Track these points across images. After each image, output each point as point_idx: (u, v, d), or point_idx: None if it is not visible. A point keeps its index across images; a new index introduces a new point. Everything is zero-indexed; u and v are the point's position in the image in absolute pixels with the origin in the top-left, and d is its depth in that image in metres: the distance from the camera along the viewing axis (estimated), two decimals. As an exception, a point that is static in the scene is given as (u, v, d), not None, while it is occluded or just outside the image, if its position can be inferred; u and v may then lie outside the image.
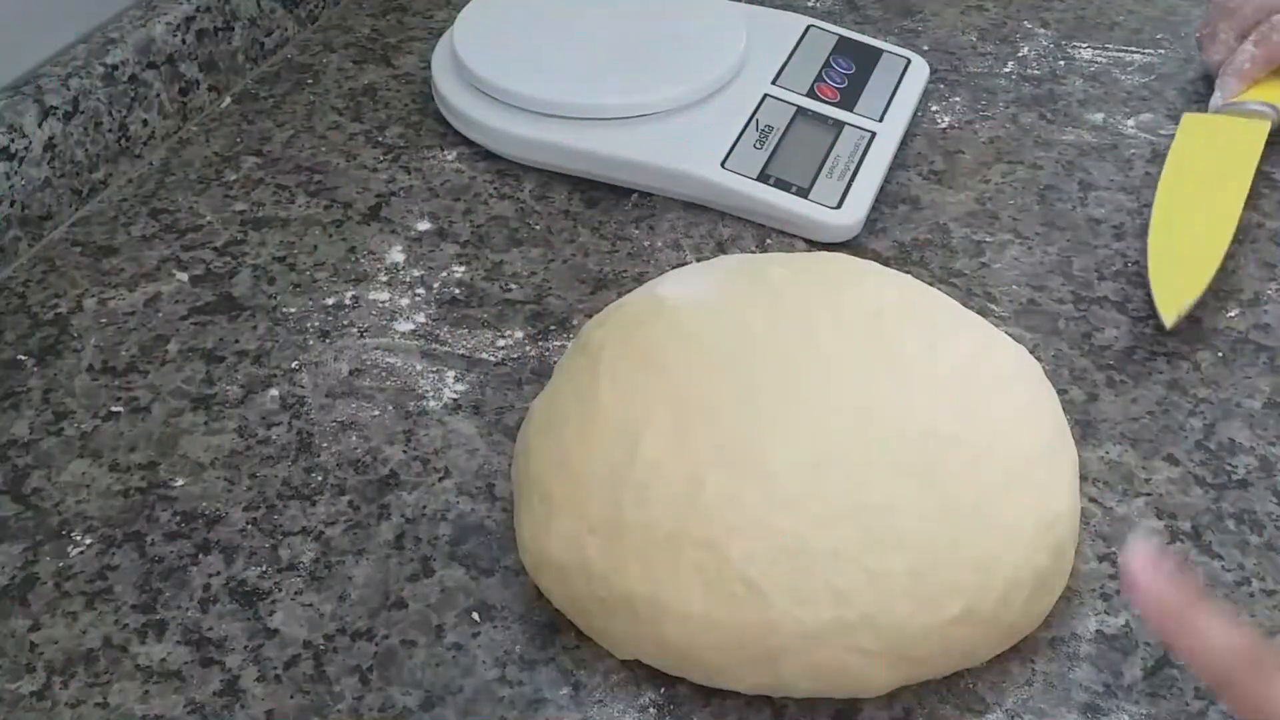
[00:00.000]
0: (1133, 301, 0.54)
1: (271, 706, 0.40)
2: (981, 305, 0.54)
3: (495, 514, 0.46)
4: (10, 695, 0.40)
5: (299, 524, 0.45)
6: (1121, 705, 0.40)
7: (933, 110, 0.65)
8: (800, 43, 0.65)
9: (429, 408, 0.50)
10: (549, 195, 0.60)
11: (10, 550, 0.45)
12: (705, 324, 0.42)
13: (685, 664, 0.39)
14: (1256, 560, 0.44)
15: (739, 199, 0.58)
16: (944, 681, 0.40)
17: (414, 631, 0.42)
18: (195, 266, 0.56)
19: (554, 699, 0.40)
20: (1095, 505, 0.46)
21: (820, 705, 0.40)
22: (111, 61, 0.59)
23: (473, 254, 0.57)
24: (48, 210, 0.57)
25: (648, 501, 0.39)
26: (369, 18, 0.72)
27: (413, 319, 0.53)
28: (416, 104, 0.66)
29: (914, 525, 0.38)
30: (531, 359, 0.52)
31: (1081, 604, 0.43)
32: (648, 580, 0.38)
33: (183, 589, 0.43)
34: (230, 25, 0.65)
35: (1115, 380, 0.51)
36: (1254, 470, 0.47)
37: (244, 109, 0.65)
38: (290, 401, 0.50)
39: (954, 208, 0.59)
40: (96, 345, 0.52)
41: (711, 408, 0.40)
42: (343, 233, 0.58)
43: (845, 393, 0.40)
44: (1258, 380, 0.51)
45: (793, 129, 0.60)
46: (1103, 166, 0.61)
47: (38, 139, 0.56)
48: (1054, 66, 0.68)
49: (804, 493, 0.38)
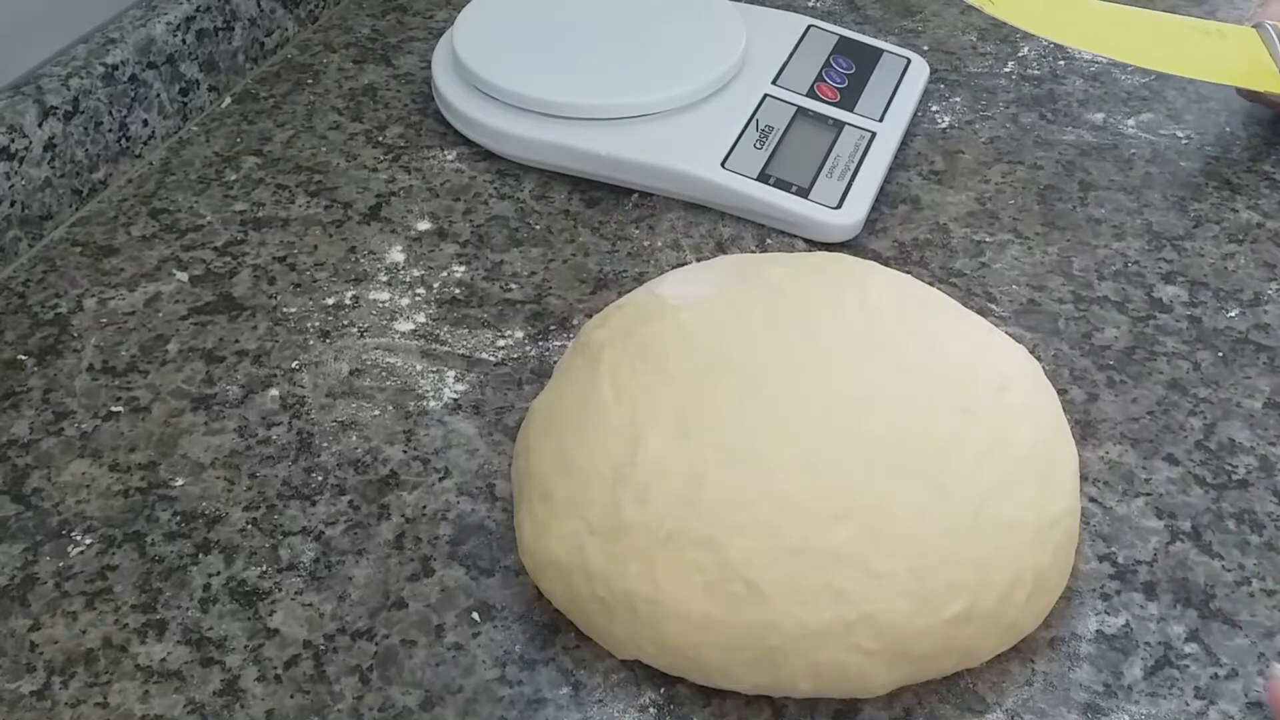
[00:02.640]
0: (1133, 301, 0.54)
1: (271, 706, 0.40)
2: (981, 305, 0.54)
3: (495, 514, 0.46)
4: (10, 695, 0.40)
5: (299, 524, 0.45)
6: (1121, 705, 0.40)
7: (933, 110, 0.65)
8: (800, 43, 0.65)
9: (429, 408, 0.50)
10: (549, 195, 0.60)
11: (10, 550, 0.45)
12: (705, 324, 0.42)
13: (685, 664, 0.39)
14: (1256, 560, 0.44)
15: (739, 199, 0.58)
16: (944, 681, 0.40)
17: (414, 631, 0.42)
18: (195, 266, 0.56)
19: (554, 699, 0.40)
20: (1095, 505, 0.46)
21: (820, 705, 0.40)
22: (111, 61, 0.59)
23: (473, 254, 0.57)
24: (48, 210, 0.57)
25: (648, 501, 0.39)
26: (369, 18, 0.72)
27: (413, 319, 0.53)
28: (416, 104, 0.66)
29: (914, 525, 0.38)
30: (531, 359, 0.52)
31: (1081, 604, 0.43)
32: (648, 580, 0.38)
33: (183, 589, 0.43)
34: (230, 25, 0.65)
35: (1115, 380, 0.51)
36: (1254, 470, 0.47)
37: (244, 109, 0.65)
38: (290, 401, 0.50)
39: (954, 208, 0.59)
40: (96, 345, 0.52)
41: (711, 408, 0.40)
42: (343, 233, 0.58)
43: (845, 392, 0.40)
44: (1258, 380, 0.51)
45: (793, 129, 0.60)
46: (1103, 166, 0.61)
47: (38, 139, 0.56)
48: (1054, 66, 0.68)
49: (804, 493, 0.38)
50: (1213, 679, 0.41)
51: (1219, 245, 0.57)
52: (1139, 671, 0.41)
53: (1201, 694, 0.40)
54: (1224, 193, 0.60)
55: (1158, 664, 0.41)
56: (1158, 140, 0.63)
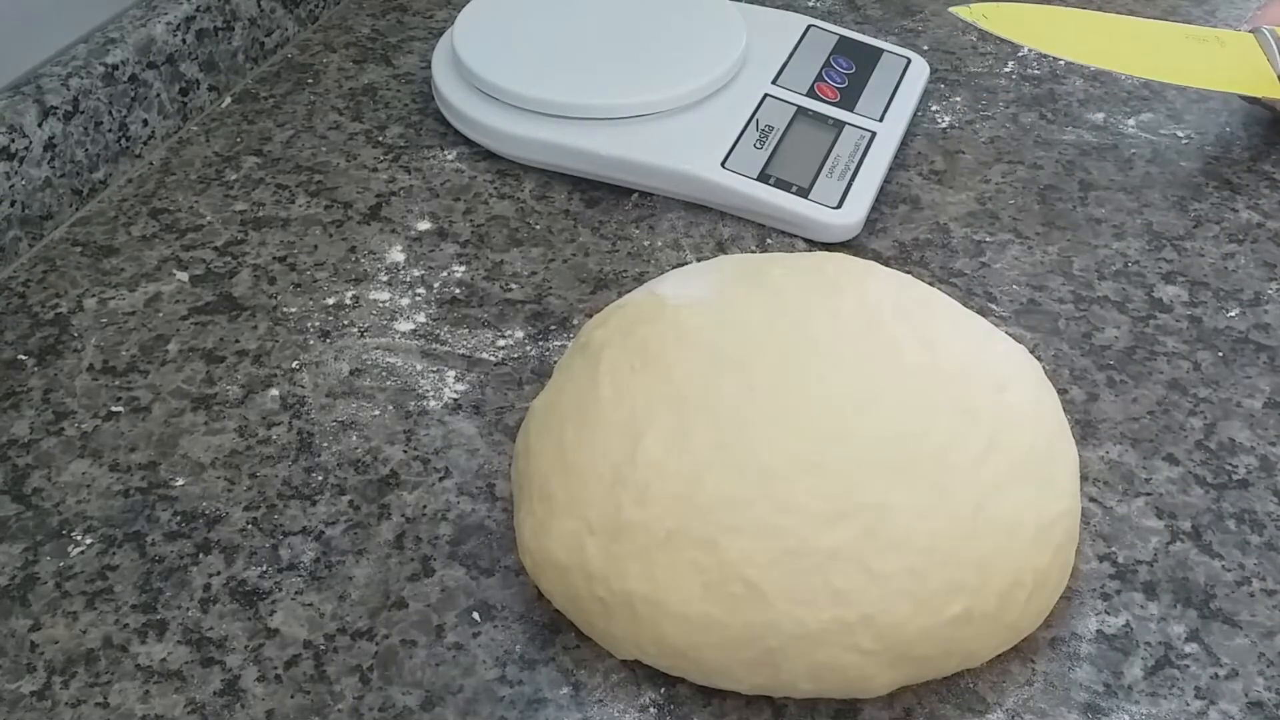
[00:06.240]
0: (1133, 301, 0.54)
1: (271, 706, 0.40)
2: (981, 305, 0.54)
3: (495, 514, 0.46)
4: (10, 695, 0.40)
5: (299, 524, 0.45)
6: (1121, 705, 0.40)
7: (933, 110, 0.65)
8: (800, 43, 0.65)
9: (429, 407, 0.50)
10: (549, 195, 0.60)
11: (10, 550, 0.45)
12: (705, 323, 0.42)
13: (685, 664, 0.39)
14: (1256, 560, 0.44)
15: (739, 199, 0.58)
16: (944, 681, 0.41)
17: (414, 631, 0.42)
18: (195, 266, 0.56)
19: (554, 699, 0.40)
20: (1095, 505, 0.46)
21: (820, 705, 0.40)
22: (111, 61, 0.59)
23: (473, 254, 0.57)
24: (48, 210, 0.57)
25: (648, 501, 0.39)
26: (369, 18, 0.72)
27: (413, 319, 0.53)
28: (416, 104, 0.66)
29: (914, 525, 0.38)
30: (531, 359, 0.52)
31: (1081, 604, 0.43)
32: (648, 580, 0.38)
33: (183, 589, 0.43)
34: (230, 25, 0.65)
35: (1115, 380, 0.51)
36: (1254, 470, 0.47)
37: (244, 109, 0.65)
38: (290, 401, 0.50)
39: (954, 208, 0.59)
40: (97, 345, 0.52)
41: (711, 408, 0.40)
42: (343, 233, 0.58)
43: (845, 392, 0.40)
44: (1258, 380, 0.51)
45: (793, 129, 0.60)
46: (1103, 166, 0.61)
47: (38, 139, 0.56)
48: (1054, 66, 0.68)
49: (804, 493, 0.38)
50: (1213, 679, 0.41)
51: (1219, 245, 0.57)
52: (1139, 671, 0.41)
53: (1201, 694, 0.40)
54: (1224, 193, 0.60)
55: (1158, 664, 0.41)
56: (1158, 140, 0.63)
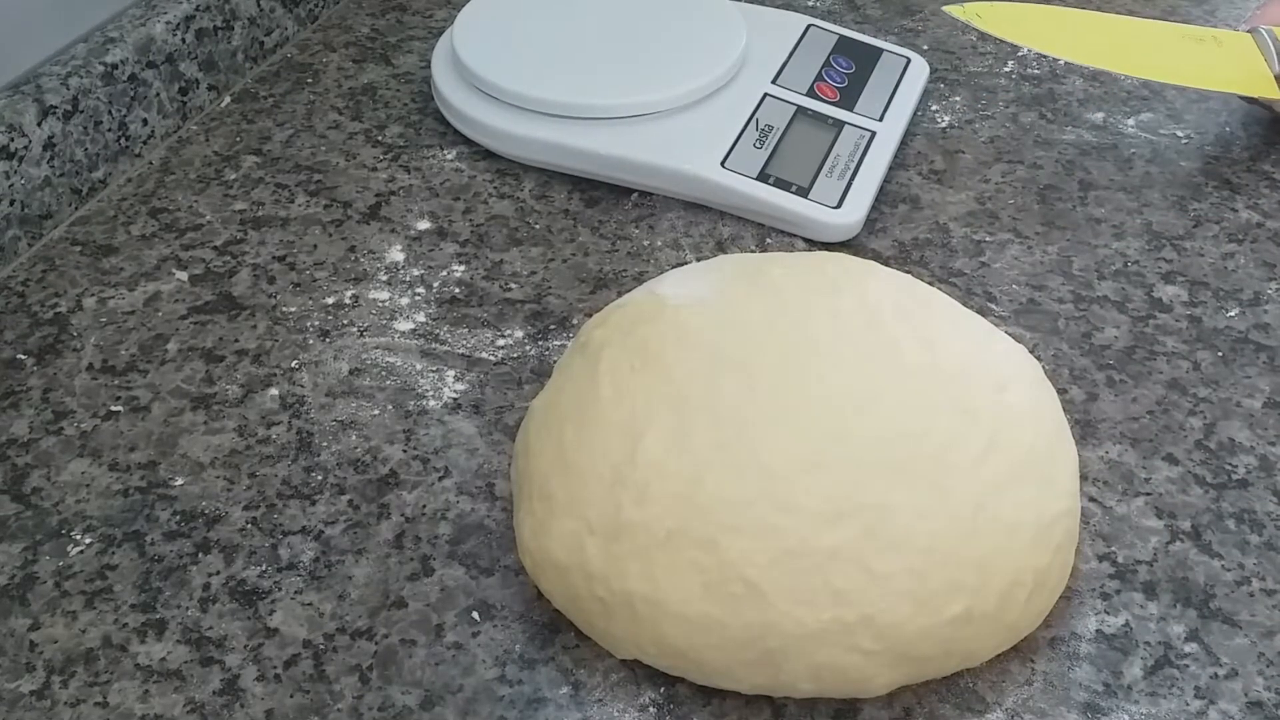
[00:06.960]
0: (1133, 301, 0.54)
1: (271, 706, 0.40)
2: (981, 305, 0.54)
3: (495, 514, 0.46)
4: (10, 695, 0.40)
5: (299, 523, 0.45)
6: (1121, 705, 0.40)
7: (933, 110, 0.65)
8: (800, 42, 0.65)
9: (429, 407, 0.50)
10: (549, 195, 0.60)
11: (10, 550, 0.45)
12: (705, 323, 0.42)
13: (685, 664, 0.39)
14: (1256, 560, 0.44)
15: (739, 199, 0.58)
16: (944, 681, 0.41)
17: (414, 631, 0.42)
18: (195, 266, 0.56)
19: (554, 698, 0.40)
20: (1095, 505, 0.46)
21: (820, 705, 0.40)
22: (111, 61, 0.59)
23: (473, 253, 0.57)
24: (47, 209, 0.57)
25: (647, 501, 0.39)
26: (369, 17, 0.72)
27: (412, 318, 0.53)
28: (416, 104, 0.66)
29: (914, 525, 0.38)
30: (531, 359, 0.52)
31: (1081, 604, 0.43)
32: (648, 580, 0.38)
33: (182, 588, 0.43)
34: (230, 25, 0.65)
35: (1115, 380, 0.51)
36: (1254, 470, 0.47)
37: (244, 108, 0.65)
38: (290, 401, 0.50)
39: (954, 207, 0.59)
40: (96, 345, 0.52)
41: (711, 408, 0.40)
42: (342, 232, 0.58)
43: (845, 392, 0.40)
44: (1258, 380, 0.51)
45: (793, 128, 0.60)
46: (1102, 166, 0.61)
47: (37, 138, 0.56)
48: (1054, 66, 0.68)
49: (804, 493, 0.38)
50: (1213, 679, 0.41)
51: (1219, 245, 0.57)
52: (1139, 671, 0.41)
53: (1201, 694, 0.40)
54: (1224, 192, 0.60)
55: (1158, 664, 0.41)
56: (1157, 140, 0.63)
